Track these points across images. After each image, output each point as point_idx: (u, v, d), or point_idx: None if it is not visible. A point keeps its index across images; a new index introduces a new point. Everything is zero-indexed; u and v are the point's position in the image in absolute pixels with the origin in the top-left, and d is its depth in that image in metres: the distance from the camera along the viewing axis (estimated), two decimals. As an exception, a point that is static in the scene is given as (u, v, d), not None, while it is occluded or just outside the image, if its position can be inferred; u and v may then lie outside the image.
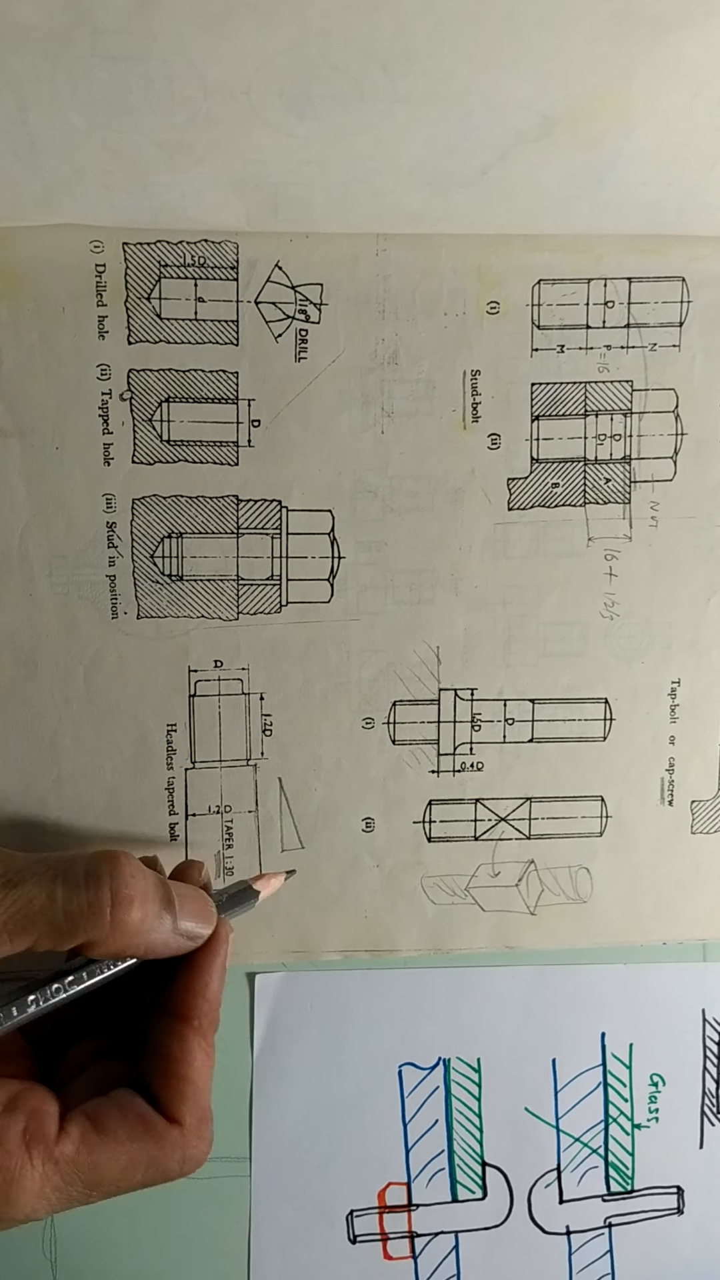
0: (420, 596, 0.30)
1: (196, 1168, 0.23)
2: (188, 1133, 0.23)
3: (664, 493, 0.30)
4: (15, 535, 0.29)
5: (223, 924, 0.25)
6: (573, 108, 0.24)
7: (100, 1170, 0.22)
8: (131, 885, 0.22)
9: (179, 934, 0.24)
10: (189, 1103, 0.23)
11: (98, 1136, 0.22)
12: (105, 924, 0.22)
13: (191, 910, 0.24)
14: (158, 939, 0.23)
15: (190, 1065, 0.23)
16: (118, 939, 0.22)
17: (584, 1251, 0.32)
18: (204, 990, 0.24)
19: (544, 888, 0.31)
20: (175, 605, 0.29)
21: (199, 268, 0.28)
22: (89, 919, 0.22)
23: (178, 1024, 0.24)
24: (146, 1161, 0.22)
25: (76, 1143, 0.21)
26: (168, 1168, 0.23)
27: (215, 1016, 0.24)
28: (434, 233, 0.28)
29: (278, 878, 0.29)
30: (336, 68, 0.22)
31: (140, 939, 0.23)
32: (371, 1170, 0.32)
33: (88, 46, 0.22)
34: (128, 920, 0.22)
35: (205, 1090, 0.23)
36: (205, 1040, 0.24)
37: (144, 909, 0.22)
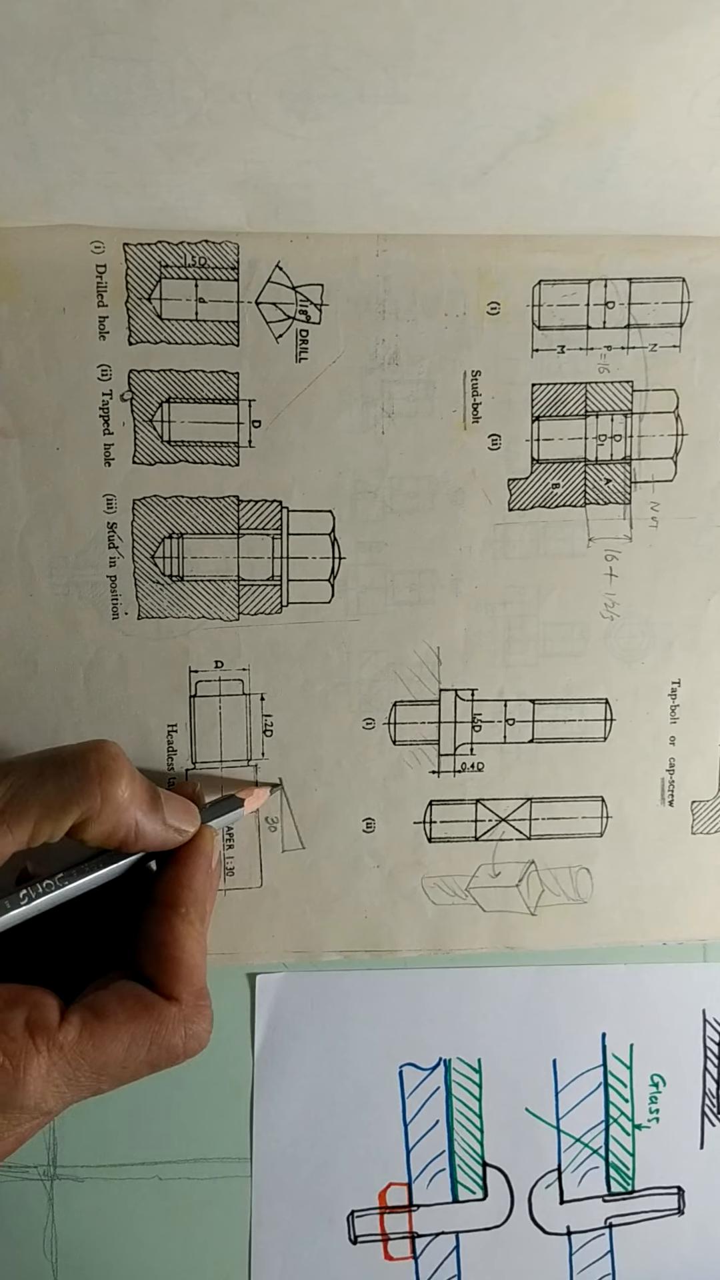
0: (421, 597, 0.30)
1: (200, 1046, 0.24)
2: (185, 1008, 0.24)
3: (664, 493, 0.30)
4: (16, 536, 0.29)
5: (206, 827, 0.26)
6: (573, 108, 0.24)
7: (104, 1051, 0.22)
8: (117, 761, 0.24)
9: (168, 827, 0.25)
10: (183, 980, 0.24)
11: (98, 1020, 0.22)
12: (95, 795, 0.23)
13: (176, 807, 0.25)
14: (147, 826, 0.24)
15: (180, 947, 0.24)
16: (108, 814, 0.23)
17: (585, 1252, 0.32)
18: (189, 882, 0.25)
19: (544, 888, 0.31)
20: (176, 606, 0.29)
21: (200, 268, 0.28)
22: (79, 792, 0.23)
23: (166, 912, 0.25)
24: (149, 1039, 0.23)
25: (78, 1028, 0.22)
26: (171, 1044, 0.23)
27: (202, 909, 0.25)
28: (434, 233, 0.28)
29: (262, 790, 0.29)
30: (337, 68, 0.22)
31: (129, 816, 0.24)
32: (372, 1171, 0.32)
33: (88, 47, 0.22)
34: (115, 793, 0.23)
35: (199, 969, 0.24)
36: (194, 927, 0.25)
37: (130, 787, 0.24)
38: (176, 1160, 0.31)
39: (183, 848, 0.26)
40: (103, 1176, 0.31)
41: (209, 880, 0.26)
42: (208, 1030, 0.24)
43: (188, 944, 0.24)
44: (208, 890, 0.26)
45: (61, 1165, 0.31)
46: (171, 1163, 0.31)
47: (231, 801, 0.28)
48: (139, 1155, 0.31)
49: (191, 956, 0.24)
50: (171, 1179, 0.31)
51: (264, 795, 0.29)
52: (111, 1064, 0.22)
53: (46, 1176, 0.31)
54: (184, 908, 0.25)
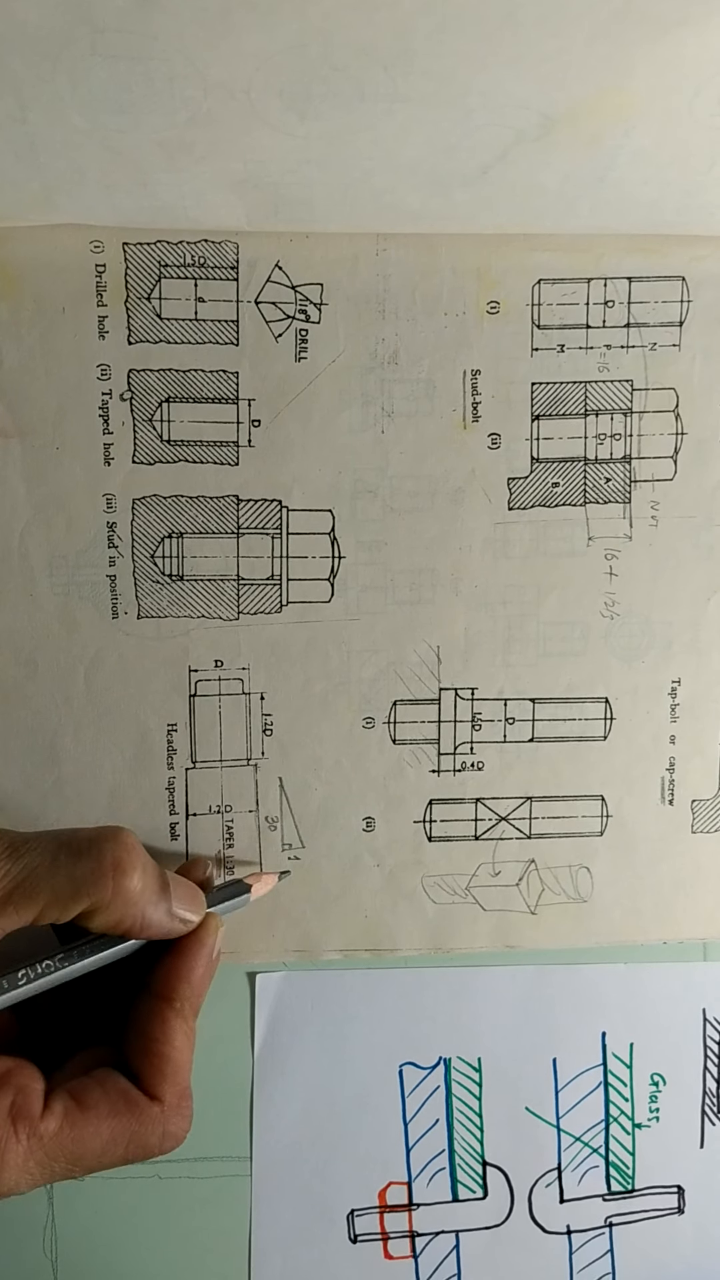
0: (420, 596, 0.30)
1: (176, 1145, 0.24)
2: (168, 1109, 0.23)
3: (664, 492, 0.30)
4: (15, 535, 0.29)
5: (211, 916, 0.26)
6: (573, 107, 0.24)
7: (83, 1145, 0.22)
8: (132, 854, 0.23)
9: (174, 916, 0.25)
10: (169, 1080, 0.24)
11: (80, 1113, 0.22)
12: (107, 889, 0.23)
13: (184, 895, 0.25)
14: (153, 917, 0.24)
15: (170, 1044, 0.24)
16: (117, 906, 0.23)
17: (584, 1251, 0.32)
18: (188, 975, 0.25)
19: (544, 887, 0.31)
20: (176, 605, 0.29)
21: (199, 268, 0.28)
22: (91, 884, 0.22)
23: (160, 1004, 0.25)
24: (128, 1137, 0.23)
25: (60, 1119, 0.22)
26: (148, 1143, 0.23)
27: (197, 1002, 0.25)
28: (434, 232, 0.28)
29: (271, 877, 0.29)
30: (337, 67, 0.22)
31: (137, 910, 0.23)
32: (372, 1170, 0.32)
33: (88, 45, 0.22)
34: (128, 887, 0.23)
35: (185, 1069, 0.24)
36: (186, 1022, 0.25)
37: (143, 879, 0.23)
38: (176, 1160, 0.31)
39: (185, 937, 0.25)
40: (103, 1176, 0.31)
41: (208, 972, 0.25)
42: (185, 1130, 0.24)
43: (177, 1040, 0.24)
44: (205, 982, 0.25)
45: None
46: (171, 1162, 0.31)
47: (238, 887, 0.28)
48: (139, 1155, 0.31)
49: (179, 1054, 0.24)
50: (171, 1179, 0.31)
51: (272, 882, 0.29)
52: (88, 1157, 0.22)
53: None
54: (179, 1002, 0.25)
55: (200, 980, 0.25)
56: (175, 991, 0.25)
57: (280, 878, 0.29)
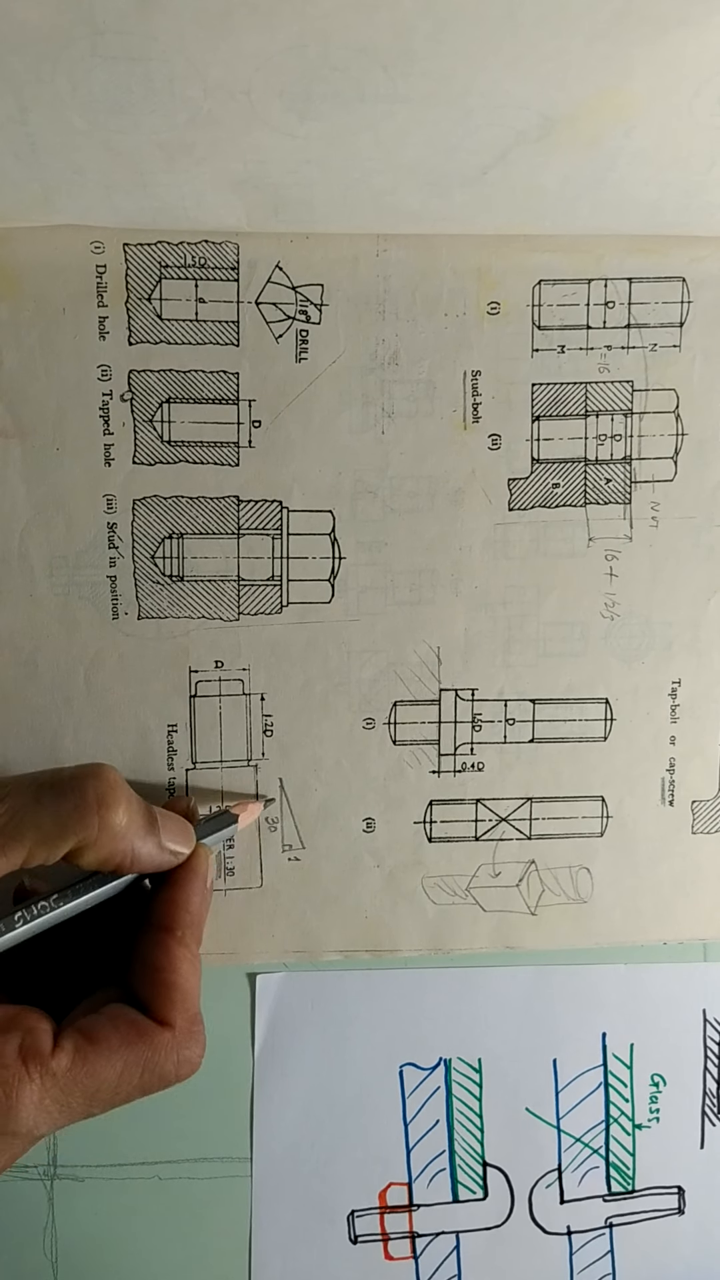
0: (421, 597, 0.30)
1: (192, 1070, 0.24)
2: (179, 1033, 0.24)
3: (664, 493, 0.30)
4: (15, 536, 0.29)
5: (201, 846, 0.26)
6: (573, 108, 0.24)
7: (97, 1077, 0.22)
8: (116, 790, 0.23)
9: (163, 849, 0.25)
10: (178, 1006, 0.24)
11: (91, 1046, 0.22)
12: (93, 824, 0.23)
13: (173, 829, 0.25)
14: (143, 851, 0.24)
15: (176, 971, 0.24)
16: (105, 841, 0.23)
17: (585, 1252, 0.32)
18: (185, 903, 0.25)
19: (545, 888, 0.31)
20: (176, 606, 0.29)
21: (199, 268, 0.28)
22: (76, 820, 0.22)
23: (161, 935, 0.25)
24: (142, 1065, 0.23)
25: (71, 1054, 0.22)
26: (164, 1070, 0.23)
27: (198, 931, 0.25)
28: (434, 233, 0.28)
29: (256, 805, 0.29)
30: (337, 68, 0.22)
31: (125, 845, 0.23)
32: (372, 1170, 0.32)
33: (88, 46, 0.22)
34: (113, 821, 0.23)
35: (193, 994, 0.24)
36: (189, 950, 0.25)
37: (128, 814, 0.23)
38: (176, 1160, 0.31)
39: (178, 869, 0.25)
40: (103, 1176, 0.31)
41: (204, 900, 0.26)
42: (200, 1055, 0.24)
43: (182, 967, 0.24)
44: (203, 911, 0.25)
45: (61, 1165, 0.31)
46: (171, 1163, 0.31)
47: (225, 817, 0.28)
48: (139, 1155, 0.31)
49: (186, 980, 0.24)
50: (171, 1179, 0.31)
51: (258, 809, 0.29)
52: (104, 1090, 0.22)
53: (46, 1176, 0.31)
54: (180, 930, 0.25)
55: (198, 909, 0.25)
56: (175, 921, 0.25)
57: (265, 805, 0.29)
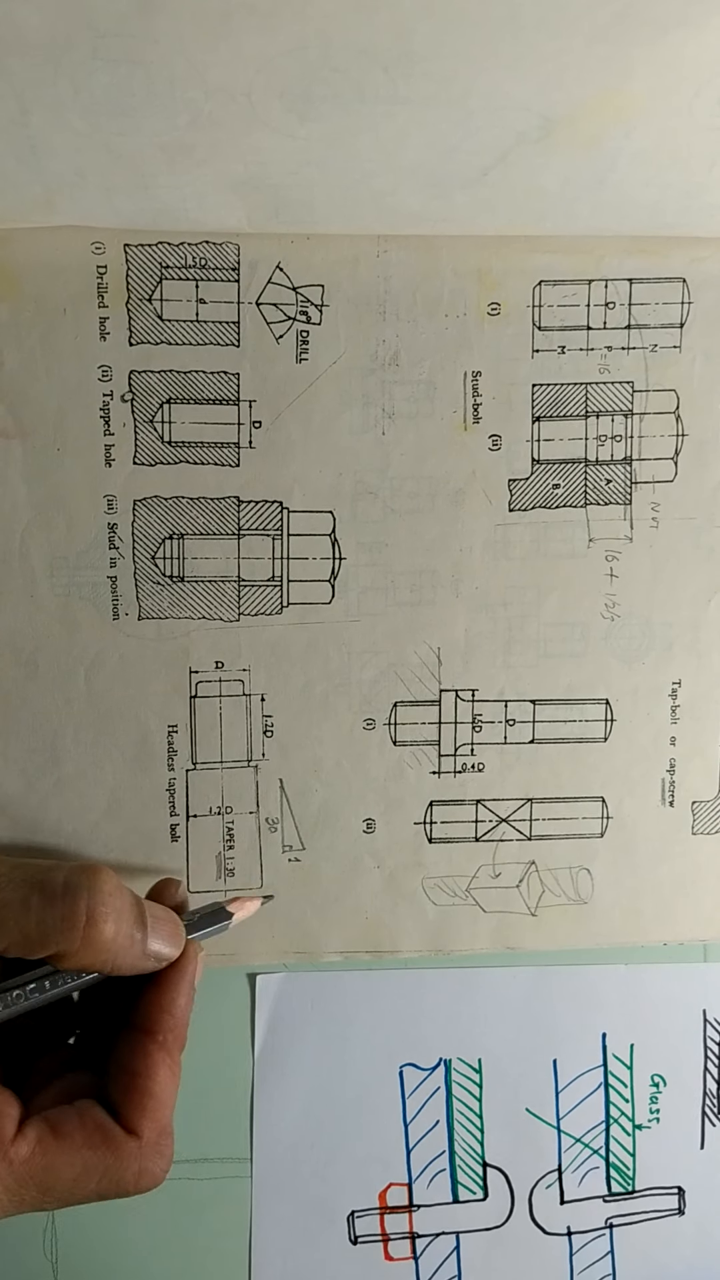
0: (421, 597, 0.30)
1: (154, 1184, 0.23)
2: (145, 1145, 0.23)
3: (665, 494, 0.30)
4: (16, 536, 0.29)
5: (192, 945, 0.25)
6: (573, 109, 0.24)
7: (54, 1174, 0.22)
8: (108, 903, 0.22)
9: (147, 955, 0.24)
10: (149, 1116, 0.23)
11: (54, 1140, 0.22)
12: (77, 938, 0.22)
13: (162, 932, 0.24)
14: (125, 958, 0.23)
15: (153, 1079, 0.23)
16: (86, 954, 0.22)
17: (585, 1252, 0.32)
18: (170, 1007, 0.24)
19: (545, 888, 0.31)
20: (176, 606, 0.29)
21: (200, 269, 0.28)
22: (61, 932, 0.22)
23: (143, 1038, 0.24)
24: (101, 1170, 0.22)
25: (32, 1145, 0.21)
26: (123, 1179, 0.23)
27: (181, 1034, 0.24)
28: (435, 234, 0.28)
29: (253, 902, 0.28)
30: (337, 69, 0.22)
31: (109, 956, 0.23)
32: (372, 1171, 0.32)
33: (89, 49, 0.22)
34: (99, 937, 0.22)
35: (167, 1105, 0.23)
36: (170, 1056, 0.24)
37: (118, 926, 0.22)
38: (177, 1160, 0.31)
39: (167, 969, 0.24)
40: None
41: (189, 1001, 0.25)
42: (164, 1170, 0.23)
43: (159, 1074, 0.23)
44: (188, 1012, 0.24)
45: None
46: (172, 1163, 0.31)
47: (220, 914, 0.27)
48: (139, 1155, 0.31)
49: (162, 1089, 0.23)
50: (171, 1179, 0.31)
51: (254, 908, 0.28)
52: (59, 1187, 0.22)
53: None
54: (162, 1035, 0.24)
55: (183, 1011, 0.24)
56: (158, 1024, 0.24)
57: (263, 902, 0.29)
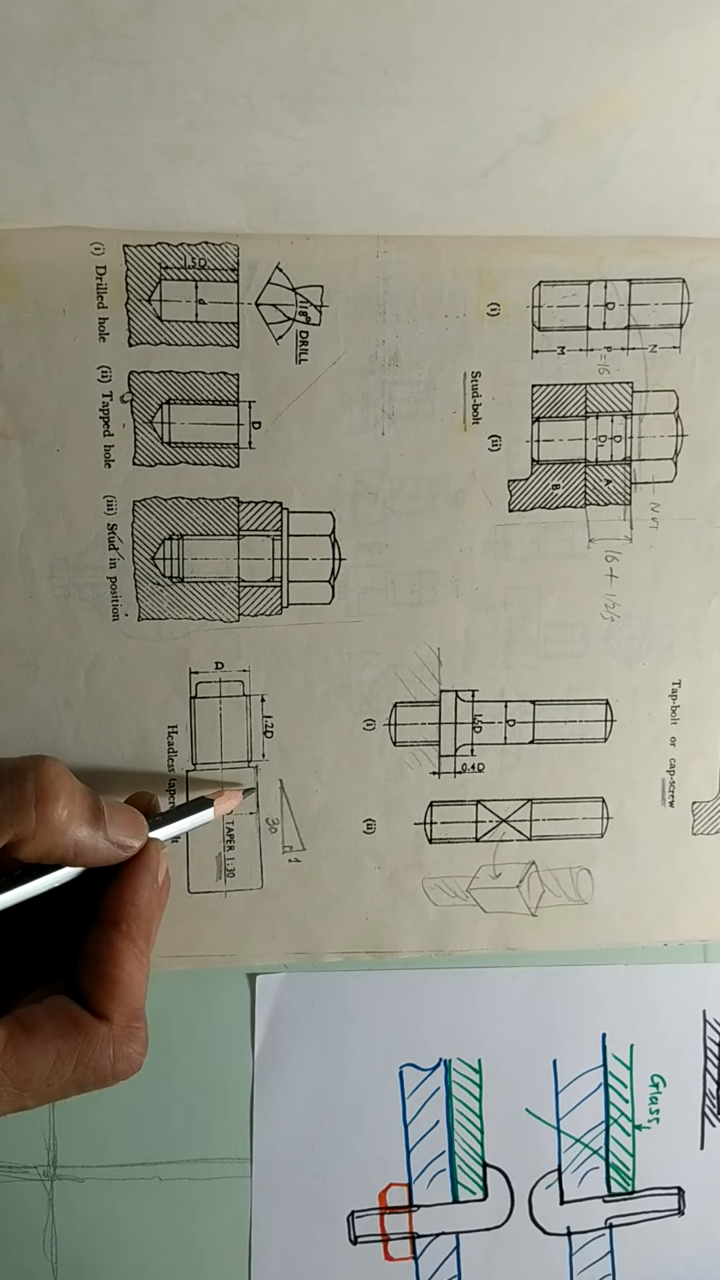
0: (421, 598, 0.30)
1: (131, 1069, 0.23)
2: (116, 1029, 0.23)
3: (665, 494, 0.30)
4: (16, 537, 0.29)
5: (153, 841, 0.25)
6: (573, 110, 0.24)
7: (27, 1066, 0.22)
8: (56, 782, 0.23)
9: (110, 841, 0.24)
10: (117, 1000, 0.23)
11: (24, 1034, 0.22)
12: (30, 817, 0.22)
13: (121, 821, 0.24)
14: (87, 843, 0.23)
15: (118, 966, 0.23)
16: (44, 835, 0.22)
17: (585, 1252, 0.32)
18: (133, 898, 0.24)
19: (545, 889, 0.31)
20: (176, 607, 0.29)
21: (199, 270, 0.28)
22: (13, 812, 0.22)
23: (106, 929, 0.24)
24: (75, 1057, 0.22)
25: (3, 1042, 0.22)
26: (99, 1065, 0.23)
27: (146, 926, 0.25)
28: (434, 235, 0.28)
29: (235, 793, 0.29)
30: (337, 71, 0.22)
31: (67, 838, 0.23)
32: (372, 1171, 0.32)
33: (89, 50, 0.22)
34: (52, 815, 0.22)
35: (137, 990, 0.24)
36: (134, 945, 0.24)
37: (69, 806, 0.23)
38: (176, 1160, 0.31)
39: (128, 863, 0.25)
40: (103, 1176, 0.31)
41: (154, 896, 0.25)
42: (140, 1053, 0.23)
43: (126, 962, 0.24)
44: (153, 906, 0.25)
45: (61, 1165, 0.31)
46: (171, 1163, 0.31)
47: (199, 802, 0.27)
48: (139, 1155, 0.31)
49: (129, 975, 0.23)
50: (171, 1179, 0.32)
51: (236, 798, 0.28)
52: (35, 1080, 0.22)
53: (46, 1176, 0.31)
54: (125, 924, 0.24)
55: (147, 904, 0.24)
56: (120, 914, 0.24)
57: (245, 794, 0.29)
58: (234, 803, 0.28)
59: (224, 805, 0.28)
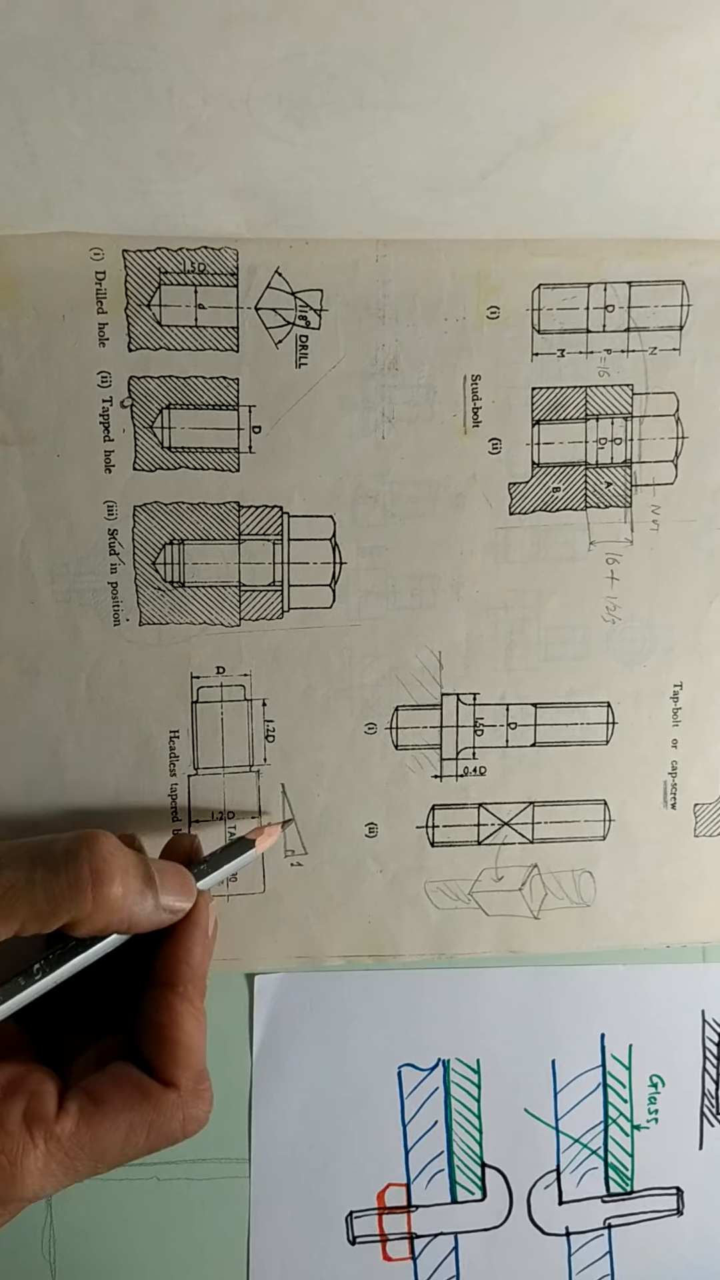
0: (422, 601, 0.30)
1: (199, 1127, 0.24)
2: (184, 1093, 0.23)
3: (665, 496, 0.30)
4: (17, 543, 0.29)
5: (203, 896, 0.25)
6: (572, 113, 0.24)
7: (101, 1141, 0.22)
8: (111, 861, 0.23)
9: (160, 908, 0.24)
10: (182, 1065, 0.24)
11: (96, 1109, 0.22)
12: (87, 901, 0.22)
13: (171, 885, 0.24)
14: (140, 914, 0.23)
15: (179, 1029, 0.24)
16: (100, 915, 0.22)
17: (583, 1252, 0.33)
18: (187, 958, 0.25)
19: (547, 892, 0.31)
20: (177, 612, 0.29)
21: (199, 274, 0.28)
22: (70, 898, 0.22)
23: (164, 992, 0.24)
24: (146, 1126, 0.23)
25: (75, 1118, 0.22)
26: (170, 1130, 0.23)
27: (201, 983, 0.25)
28: (433, 238, 0.28)
29: (274, 828, 0.29)
30: (335, 75, 0.22)
31: (122, 914, 0.23)
32: (371, 1171, 0.32)
33: (87, 56, 0.22)
34: (108, 896, 0.22)
35: (198, 1051, 0.24)
36: (192, 1005, 0.24)
37: (124, 884, 0.23)
38: (175, 1160, 0.32)
39: (179, 922, 0.25)
40: (101, 1177, 0.31)
41: (205, 951, 0.25)
42: (207, 1112, 0.24)
43: (186, 1024, 0.24)
44: (205, 961, 0.25)
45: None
46: (170, 1163, 0.32)
47: (241, 844, 0.28)
48: (139, 1156, 0.32)
49: (190, 1037, 0.24)
50: (170, 1179, 0.32)
51: (275, 833, 0.29)
52: (109, 1152, 0.22)
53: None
54: (181, 985, 0.24)
55: (200, 961, 0.25)
56: (177, 976, 0.24)
57: (284, 827, 0.29)
58: (274, 838, 0.29)
59: (265, 843, 0.28)
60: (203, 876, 0.26)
